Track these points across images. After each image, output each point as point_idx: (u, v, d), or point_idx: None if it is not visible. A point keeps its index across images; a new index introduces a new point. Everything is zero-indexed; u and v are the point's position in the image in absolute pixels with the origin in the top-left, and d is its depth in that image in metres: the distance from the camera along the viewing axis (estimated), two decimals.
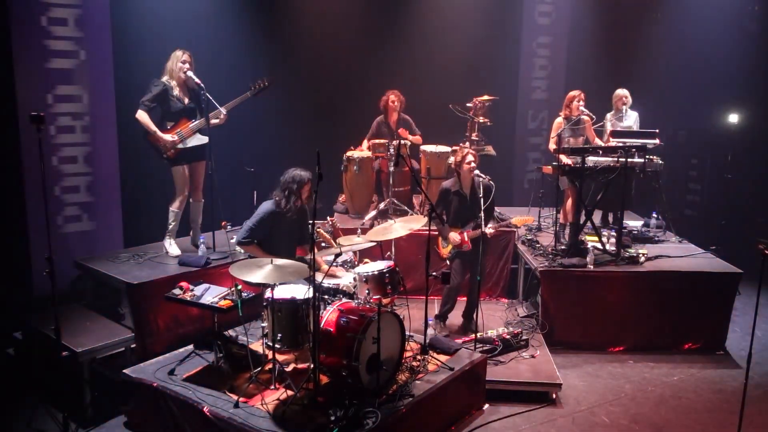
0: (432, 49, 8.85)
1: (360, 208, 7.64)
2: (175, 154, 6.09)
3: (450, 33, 8.86)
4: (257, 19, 8.12)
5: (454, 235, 5.98)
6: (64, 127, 6.66)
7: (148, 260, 6.23)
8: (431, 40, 8.86)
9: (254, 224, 5.35)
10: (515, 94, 9.30)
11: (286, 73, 8.20)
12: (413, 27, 8.82)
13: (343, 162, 7.51)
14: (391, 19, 8.77)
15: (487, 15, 8.89)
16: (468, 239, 5.94)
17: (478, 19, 8.87)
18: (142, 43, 7.07)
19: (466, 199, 6.03)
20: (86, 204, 6.85)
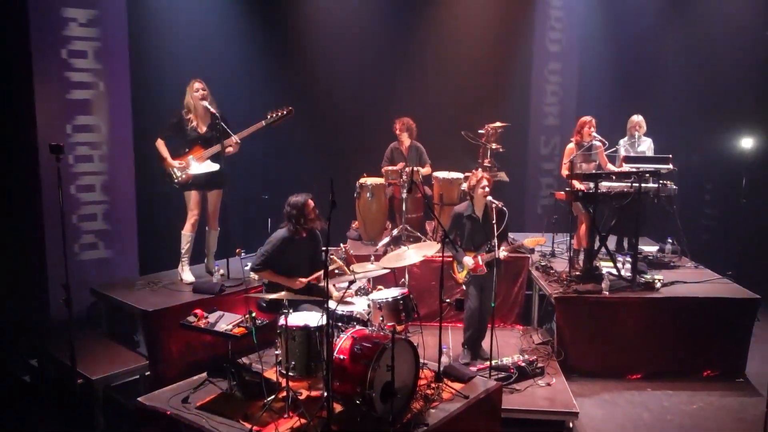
0: (444, 77, 8.90)
1: (373, 234, 7.64)
2: (186, 179, 6.17)
3: (462, 60, 8.91)
4: (273, 47, 8.24)
5: (468, 259, 5.94)
6: (83, 157, 6.75)
7: (163, 287, 6.26)
8: (443, 67, 8.91)
9: (267, 251, 5.36)
10: (527, 120, 9.30)
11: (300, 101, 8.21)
12: (426, 55, 8.89)
13: (357, 189, 7.52)
14: (405, 47, 8.85)
15: (498, 42, 8.94)
16: (482, 263, 5.90)
17: (490, 46, 8.91)
18: (159, 74, 7.18)
19: (479, 222, 6.00)
20: (103, 232, 6.90)
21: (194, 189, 6.24)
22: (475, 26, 8.90)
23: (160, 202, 7.25)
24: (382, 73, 8.79)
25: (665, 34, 9.02)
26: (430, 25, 8.85)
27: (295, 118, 7.92)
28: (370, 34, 8.70)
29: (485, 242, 5.95)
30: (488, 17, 8.90)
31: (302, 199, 5.33)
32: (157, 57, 7.24)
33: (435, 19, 8.86)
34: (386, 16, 8.69)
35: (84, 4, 6.58)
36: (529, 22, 9.08)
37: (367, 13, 8.63)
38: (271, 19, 8.18)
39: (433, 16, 8.85)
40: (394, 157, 7.81)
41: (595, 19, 9.11)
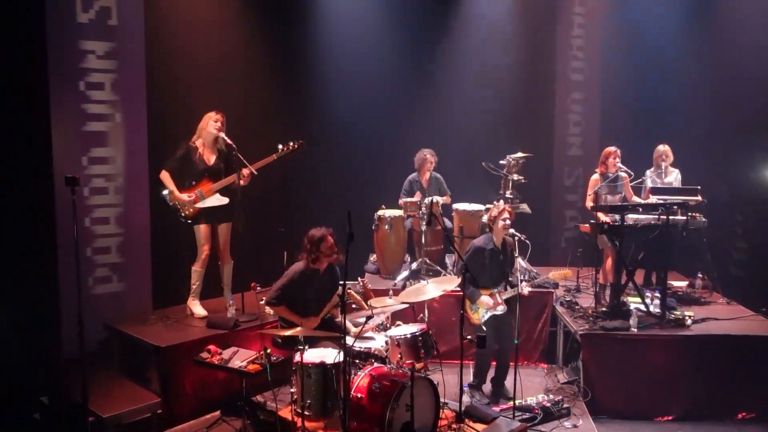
0: (465, 106, 8.96)
1: (392, 268, 7.64)
2: (194, 213, 6.25)
3: (483, 89, 8.99)
4: (289, 76, 8.34)
5: (486, 298, 5.89)
6: (98, 189, 6.84)
7: (176, 322, 6.29)
8: (464, 97, 8.98)
9: (284, 285, 5.38)
10: (550, 151, 9.30)
11: (317, 131, 8.37)
12: (446, 84, 8.96)
13: (375, 221, 7.54)
14: (425, 76, 8.94)
15: (519, 72, 9.00)
16: (502, 300, 5.85)
17: (511, 76, 8.99)
18: (175, 105, 7.30)
19: (499, 256, 5.98)
20: (117, 265, 6.95)
21: (203, 222, 6.32)
22: (496, 55, 9.00)
23: (174, 235, 7.29)
24: (401, 102, 8.87)
25: (690, 61, 9.01)
26: (451, 55, 8.94)
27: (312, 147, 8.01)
28: (389, 63, 8.80)
29: (504, 278, 5.91)
30: (510, 46, 8.99)
31: (320, 234, 5.35)
32: (173, 88, 7.37)
33: (455, 49, 8.95)
34: (405, 45, 8.80)
35: (102, 36, 6.72)
36: (551, 51, 9.15)
37: (385, 42, 8.73)
38: (288, 49, 8.30)
39: (453, 46, 8.95)
40: (413, 189, 7.85)
41: (618, 47, 9.15)
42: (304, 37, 8.42)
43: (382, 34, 8.74)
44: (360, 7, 8.66)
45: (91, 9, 6.64)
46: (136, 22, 6.89)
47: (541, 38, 9.09)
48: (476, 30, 8.97)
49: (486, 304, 5.90)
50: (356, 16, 8.65)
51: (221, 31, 7.78)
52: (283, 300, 5.39)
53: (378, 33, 8.73)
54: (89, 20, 6.64)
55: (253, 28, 7.95)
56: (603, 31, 9.23)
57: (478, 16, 8.98)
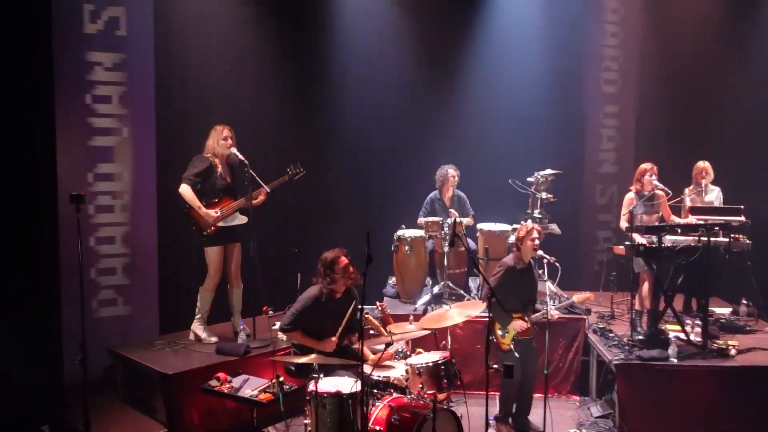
0: (490, 120, 8.95)
1: (412, 292, 7.62)
2: (215, 232, 6.30)
3: (510, 102, 8.95)
4: (304, 88, 8.43)
5: (519, 322, 5.88)
6: (103, 207, 6.93)
7: (184, 348, 6.33)
8: (489, 110, 8.97)
9: (298, 310, 5.40)
10: (581, 168, 9.25)
11: (333, 147, 8.43)
12: (470, 97, 8.96)
13: (394, 242, 7.56)
14: (446, 89, 8.96)
15: (548, 84, 8.96)
16: (532, 324, 5.82)
17: (540, 87, 8.94)
18: (186, 119, 7.41)
19: (528, 278, 5.96)
20: (122, 287, 7.02)
21: (219, 244, 6.37)
22: (523, 66, 8.97)
23: (183, 256, 7.36)
24: (423, 116, 8.91)
25: (730, 71, 8.97)
26: (475, 66, 8.96)
27: (329, 165, 8.10)
28: (409, 75, 8.86)
29: (531, 300, 5.91)
30: (538, 57, 8.96)
31: (333, 255, 5.37)
32: (183, 102, 7.48)
33: (479, 60, 8.96)
34: (426, 57, 8.84)
35: (110, 47, 6.84)
36: (581, 62, 9.15)
37: (405, 54, 8.79)
38: (302, 60, 8.39)
39: (477, 57, 8.96)
40: (435, 208, 7.86)
41: (654, 57, 9.13)
42: (319, 48, 8.50)
43: (402, 45, 8.80)
44: (378, 16, 8.73)
45: (99, 19, 6.78)
46: (145, 33, 7.02)
47: (571, 48, 9.10)
48: (502, 40, 8.97)
49: (519, 327, 5.87)
50: (374, 27, 8.71)
51: (234, 42, 7.89)
52: (298, 326, 5.41)
53: (397, 45, 8.79)
54: (97, 31, 6.78)
55: (266, 39, 8.06)
56: (637, 40, 9.22)
57: (503, 25, 8.98)
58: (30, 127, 6.56)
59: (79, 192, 5.27)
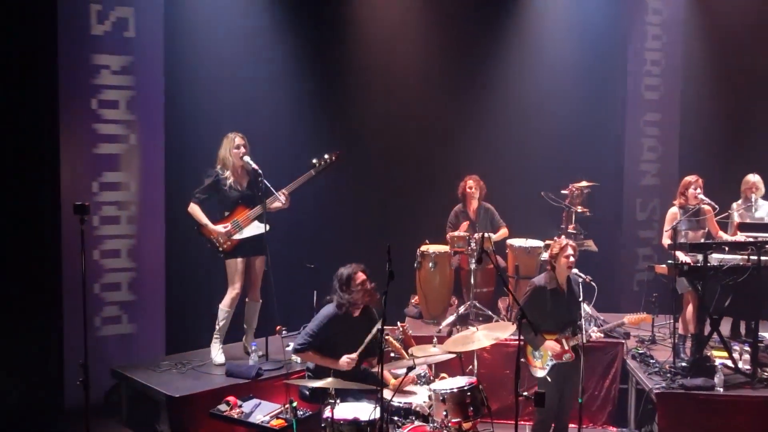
0: (520, 128, 8.92)
1: (436, 312, 7.60)
2: (232, 246, 6.34)
3: (541, 109, 8.95)
4: (322, 95, 8.47)
5: (552, 343, 5.84)
6: (109, 218, 7.00)
7: (192, 369, 6.36)
8: (520, 117, 8.94)
9: (314, 330, 5.41)
10: (620, 180, 9.20)
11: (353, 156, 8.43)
12: (499, 103, 8.94)
13: (417, 258, 7.55)
14: (474, 94, 8.95)
15: (584, 89, 8.94)
16: (569, 347, 5.79)
17: (575, 94, 8.93)
18: (197, 125, 7.48)
19: (563, 298, 5.94)
20: (127, 304, 7.08)
21: (240, 256, 6.39)
22: (557, 70, 8.97)
23: (192, 271, 7.42)
24: (449, 124, 8.92)
25: None
26: (504, 71, 8.95)
27: (348, 175, 8.10)
28: (434, 81, 8.87)
29: (571, 322, 5.88)
30: (572, 60, 8.95)
31: (349, 271, 5.38)
32: (195, 107, 7.55)
33: (509, 64, 8.95)
34: (453, 62, 8.86)
35: (118, 50, 6.93)
36: (621, 66, 9.11)
37: (431, 58, 8.82)
38: (321, 65, 8.44)
39: (507, 60, 8.95)
40: (459, 222, 7.84)
41: (699, 61, 9.08)
42: (338, 53, 8.55)
43: (426, 50, 8.82)
44: (400, 19, 8.77)
45: (107, 20, 6.87)
46: (154, 35, 7.12)
47: (609, 51, 9.06)
48: (533, 43, 8.96)
49: (552, 349, 5.83)
50: (397, 30, 8.76)
51: (248, 44, 7.96)
52: (313, 347, 5.42)
53: (421, 49, 8.82)
54: (104, 32, 6.88)
55: (282, 40, 8.12)
56: (681, 42, 9.17)
57: (535, 27, 8.98)
58: (32, 133, 6.66)
59: (84, 202, 5.33)
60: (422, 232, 7.88)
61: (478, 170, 8.01)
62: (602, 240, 7.96)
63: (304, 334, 5.46)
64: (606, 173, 8.61)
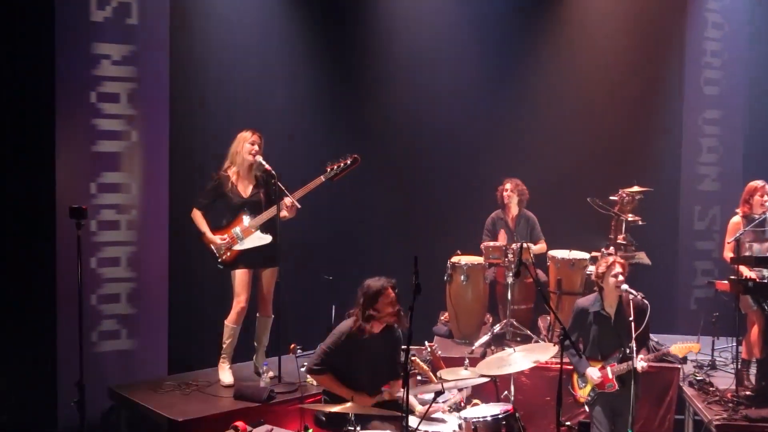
0: (565, 127, 8.92)
1: (468, 330, 7.59)
2: (233, 257, 6.33)
3: (587, 106, 8.92)
4: (342, 92, 8.50)
5: (593, 371, 5.82)
6: (108, 222, 7.04)
7: (197, 391, 6.36)
8: (563, 116, 8.94)
9: (329, 348, 5.39)
10: (676, 185, 9.12)
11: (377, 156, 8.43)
12: (540, 100, 8.94)
13: (447, 270, 7.54)
14: (512, 90, 8.94)
15: (635, 85, 8.91)
16: (613, 376, 5.74)
17: (625, 89, 8.89)
18: (204, 124, 7.52)
19: (610, 322, 5.92)
20: (127, 317, 7.11)
21: (243, 267, 6.39)
22: (605, 63, 8.94)
23: (198, 282, 7.44)
24: (484, 123, 8.91)
25: None
26: (547, 64, 8.94)
27: (370, 177, 8.09)
28: (466, 72, 8.86)
29: (618, 348, 5.87)
30: (621, 50, 8.92)
31: (379, 285, 5.34)
32: (203, 101, 7.61)
33: (553, 56, 8.94)
34: (487, 51, 8.85)
35: (120, 38, 6.98)
36: (677, 59, 9.03)
37: (463, 46, 8.82)
38: (343, 60, 8.47)
39: (549, 53, 8.94)
40: (496, 229, 7.84)
41: (765, 52, 8.98)
42: (362, 46, 8.58)
43: (460, 40, 8.82)
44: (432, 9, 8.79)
45: (108, 5, 6.93)
46: (160, 22, 7.17)
47: (664, 42, 8.99)
48: (580, 35, 8.94)
49: (591, 378, 5.80)
50: (427, 21, 8.78)
51: (263, 35, 8.01)
52: (328, 367, 5.40)
53: (455, 40, 8.81)
54: (105, 18, 6.93)
55: (300, 31, 8.17)
56: (746, 31, 9.07)
57: (582, 17, 8.97)
58: (25, 128, 6.72)
59: (80, 205, 5.36)
60: (453, 241, 7.86)
61: (518, 173, 8.01)
62: (656, 252, 7.89)
63: (319, 351, 5.45)
64: (660, 177, 8.53)
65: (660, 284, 8.32)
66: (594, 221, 7.72)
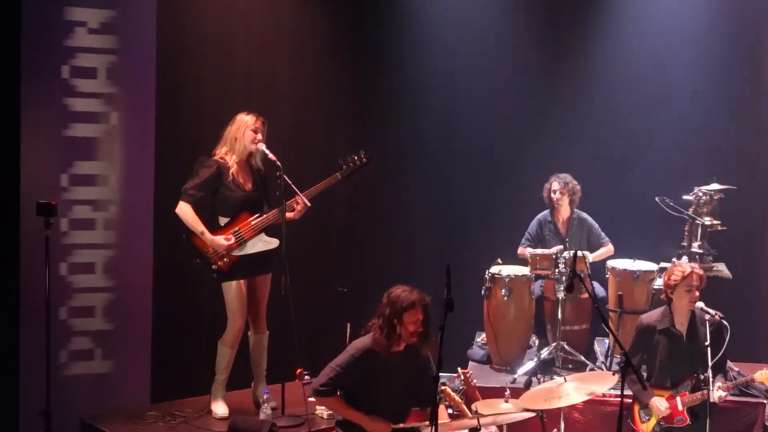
0: (625, 113, 8.89)
1: (510, 355, 7.59)
2: (230, 264, 6.28)
3: (654, 89, 8.88)
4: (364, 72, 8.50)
5: (659, 401, 5.81)
6: (81, 221, 7.02)
7: (185, 423, 6.35)
8: (624, 99, 8.92)
9: (340, 366, 5.37)
10: (762, 182, 9.02)
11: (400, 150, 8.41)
12: (596, 80, 8.93)
13: (486, 282, 7.53)
14: (563, 70, 8.95)
15: (710, 60, 8.84)
16: (684, 408, 5.68)
17: (697, 68, 8.83)
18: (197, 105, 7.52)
19: (681, 341, 5.91)
20: (102, 334, 7.10)
21: (240, 277, 6.35)
22: (677, 40, 8.89)
23: (188, 294, 7.44)
24: (530, 108, 8.92)
25: None
26: (605, 38, 8.94)
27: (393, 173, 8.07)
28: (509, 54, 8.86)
29: (690, 375, 5.87)
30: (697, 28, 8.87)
31: (410, 299, 5.28)
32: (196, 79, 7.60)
33: (612, 29, 8.93)
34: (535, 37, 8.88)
35: (99, 1, 6.96)
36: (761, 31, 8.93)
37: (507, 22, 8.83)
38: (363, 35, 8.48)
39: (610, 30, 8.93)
40: (543, 234, 7.88)
41: None
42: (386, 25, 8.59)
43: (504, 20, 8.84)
44: None
45: None
46: None
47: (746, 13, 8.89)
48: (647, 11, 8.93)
49: (657, 410, 5.76)
50: None
51: None
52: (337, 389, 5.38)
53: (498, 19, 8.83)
54: None
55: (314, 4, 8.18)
56: None
57: None
58: None
59: (49, 200, 5.35)
60: (493, 248, 7.87)
61: (568, 168, 8.00)
62: (738, 263, 7.89)
63: (328, 370, 5.40)
64: (743, 173, 8.47)
65: (742, 301, 8.28)
66: (663, 225, 7.75)
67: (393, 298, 5.30)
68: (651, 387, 5.88)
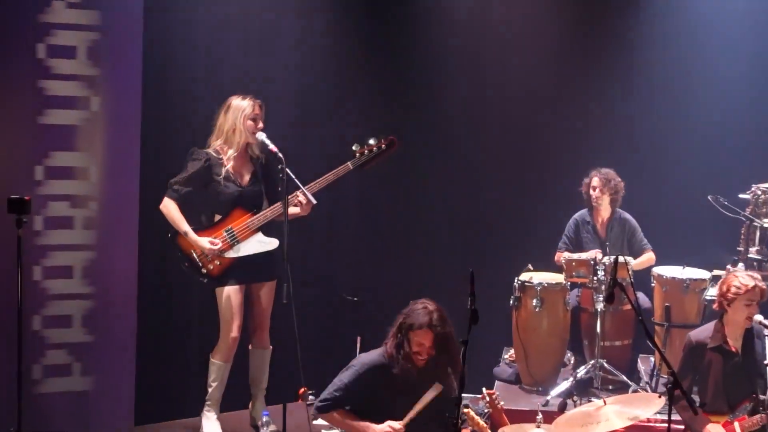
0: (673, 105, 8.89)
1: (542, 374, 7.58)
2: (222, 268, 6.27)
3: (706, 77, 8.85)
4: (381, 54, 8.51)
5: (715, 428, 5.79)
6: (58, 220, 7.01)
7: None
8: (671, 90, 8.91)
9: (344, 383, 5.42)
10: None
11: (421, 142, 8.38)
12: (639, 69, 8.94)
13: (515, 292, 7.53)
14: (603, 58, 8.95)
15: None
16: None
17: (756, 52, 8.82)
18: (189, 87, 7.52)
19: (736, 360, 5.90)
20: (81, 347, 7.09)
21: (235, 283, 6.35)
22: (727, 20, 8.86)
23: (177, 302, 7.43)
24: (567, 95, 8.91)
25: None
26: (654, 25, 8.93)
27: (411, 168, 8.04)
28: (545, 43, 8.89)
29: (748, 396, 5.85)
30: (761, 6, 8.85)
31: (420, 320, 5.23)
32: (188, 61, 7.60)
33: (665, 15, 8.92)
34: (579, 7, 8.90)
35: None
36: None
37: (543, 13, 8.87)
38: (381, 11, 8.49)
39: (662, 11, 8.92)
40: (581, 236, 7.87)
41: None
42: None
43: None
44: None
45: None
46: None
47: None
48: None
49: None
50: None
51: None
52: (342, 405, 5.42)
53: None
54: None
55: None
56: None
57: None
58: None
59: (22, 196, 5.32)
60: (523, 253, 7.86)
61: (610, 163, 8.00)
62: None
63: (332, 386, 5.45)
64: None
65: None
66: (717, 228, 7.76)
67: (407, 310, 5.35)
68: (704, 413, 5.86)
